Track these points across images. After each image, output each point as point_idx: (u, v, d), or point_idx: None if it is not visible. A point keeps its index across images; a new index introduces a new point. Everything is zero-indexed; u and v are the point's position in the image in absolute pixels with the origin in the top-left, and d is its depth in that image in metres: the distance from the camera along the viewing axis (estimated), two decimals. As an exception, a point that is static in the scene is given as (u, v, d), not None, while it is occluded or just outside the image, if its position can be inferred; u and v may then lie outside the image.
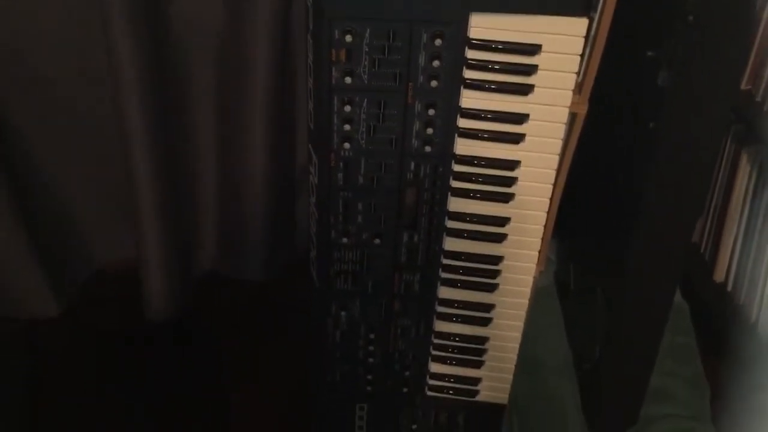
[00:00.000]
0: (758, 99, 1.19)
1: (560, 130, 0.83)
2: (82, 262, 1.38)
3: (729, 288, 1.32)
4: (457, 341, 0.99)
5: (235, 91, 1.22)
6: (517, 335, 0.99)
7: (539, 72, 0.79)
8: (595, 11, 0.85)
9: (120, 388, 1.24)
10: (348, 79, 0.79)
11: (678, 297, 1.35)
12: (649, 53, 0.82)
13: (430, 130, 0.83)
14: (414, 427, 1.08)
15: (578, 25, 0.76)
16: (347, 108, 0.81)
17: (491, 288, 0.94)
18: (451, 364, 1.02)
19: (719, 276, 1.34)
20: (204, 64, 1.22)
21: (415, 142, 0.84)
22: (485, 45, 0.78)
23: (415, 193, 0.88)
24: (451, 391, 1.04)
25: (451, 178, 0.87)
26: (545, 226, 0.91)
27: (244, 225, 1.34)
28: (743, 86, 1.21)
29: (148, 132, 1.15)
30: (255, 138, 1.25)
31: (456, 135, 0.84)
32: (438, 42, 0.78)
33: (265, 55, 1.16)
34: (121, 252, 1.36)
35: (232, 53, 1.19)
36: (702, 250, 1.38)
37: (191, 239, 1.37)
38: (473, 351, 1.00)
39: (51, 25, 1.14)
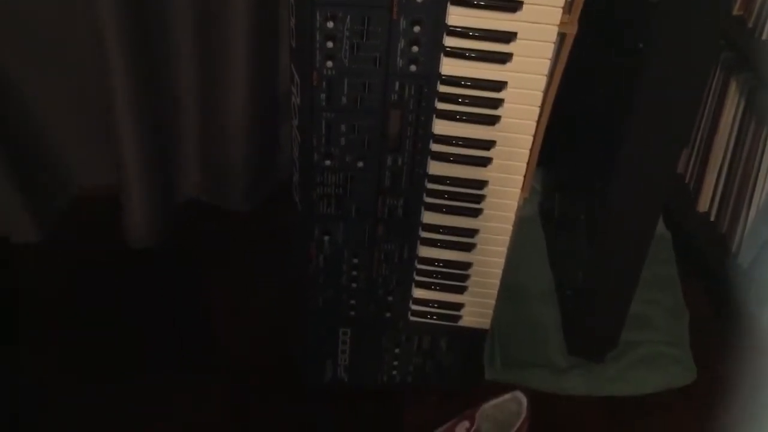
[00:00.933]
0: (750, 25, 1.17)
1: (549, 49, 0.81)
2: (63, 187, 1.36)
3: (712, 218, 1.33)
4: (440, 266, 0.99)
5: (217, 18, 1.19)
6: (501, 261, 0.99)
7: (528, -12, 0.77)
8: (588, -75, 0.82)
9: (100, 314, 1.23)
10: (331, -7, 0.77)
11: (661, 226, 1.36)
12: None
13: (415, 49, 0.81)
14: (397, 351, 1.09)
15: (570, -63, 0.74)
16: (330, 24, 0.79)
17: (476, 213, 0.94)
18: (434, 289, 1.02)
19: (702, 206, 1.35)
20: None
21: (399, 61, 0.82)
22: (473, -41, 0.76)
23: (399, 114, 0.86)
24: (434, 317, 1.05)
25: (436, 99, 0.85)
26: (531, 151, 0.90)
27: (227, 154, 1.32)
28: (735, 11, 1.19)
29: (128, 59, 1.13)
30: (237, 66, 1.22)
31: (442, 54, 0.82)
32: (424, -46, 0.75)
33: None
34: (102, 177, 1.34)
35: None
36: (687, 180, 1.38)
37: (173, 167, 1.35)
38: (457, 276, 1.00)
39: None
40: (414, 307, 1.04)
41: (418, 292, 1.03)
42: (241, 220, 1.40)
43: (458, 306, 1.04)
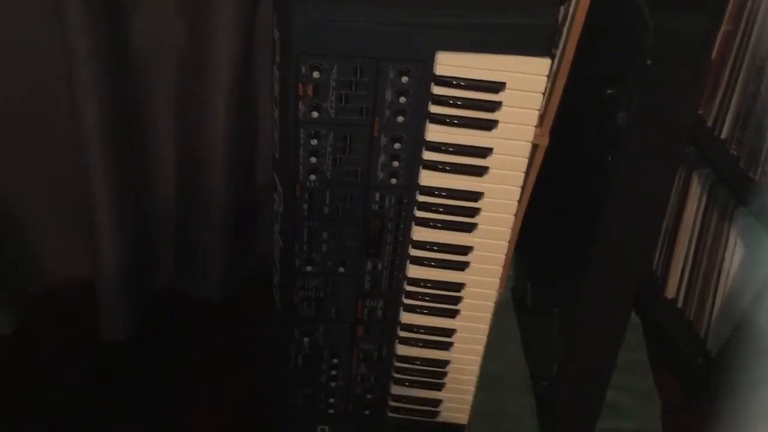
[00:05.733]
0: (709, 124, 1.23)
1: (523, 163, 0.85)
2: (36, 278, 1.35)
3: (679, 304, 1.36)
4: (418, 365, 1.01)
5: (196, 107, 1.21)
6: (478, 358, 1.01)
7: (503, 108, 0.81)
8: (557, 48, 0.87)
9: (74, 407, 1.22)
10: (314, 114, 0.79)
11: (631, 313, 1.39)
12: (609, 91, 0.84)
13: (395, 163, 0.84)
14: (375, 448, 1.09)
15: (541, 64, 0.78)
16: (313, 141, 0.81)
17: (453, 314, 0.96)
18: (412, 386, 1.03)
19: (670, 292, 1.38)
20: (165, 82, 1.21)
21: (380, 174, 0.85)
22: (451, 82, 0.79)
23: (379, 222, 0.88)
24: (412, 413, 1.05)
25: (415, 208, 0.88)
26: (507, 255, 0.93)
27: (203, 243, 1.33)
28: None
29: (107, 148, 1.14)
30: (215, 156, 1.24)
31: (421, 167, 0.85)
32: (404, 79, 0.78)
33: (226, 73, 1.15)
34: (75, 268, 1.33)
35: (193, 71, 1.18)
36: (654, 267, 1.42)
37: (148, 256, 1.35)
38: (434, 374, 1.02)
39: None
40: (392, 404, 1.05)
41: (397, 389, 1.03)
42: (216, 307, 1.39)
43: (436, 402, 1.05)
